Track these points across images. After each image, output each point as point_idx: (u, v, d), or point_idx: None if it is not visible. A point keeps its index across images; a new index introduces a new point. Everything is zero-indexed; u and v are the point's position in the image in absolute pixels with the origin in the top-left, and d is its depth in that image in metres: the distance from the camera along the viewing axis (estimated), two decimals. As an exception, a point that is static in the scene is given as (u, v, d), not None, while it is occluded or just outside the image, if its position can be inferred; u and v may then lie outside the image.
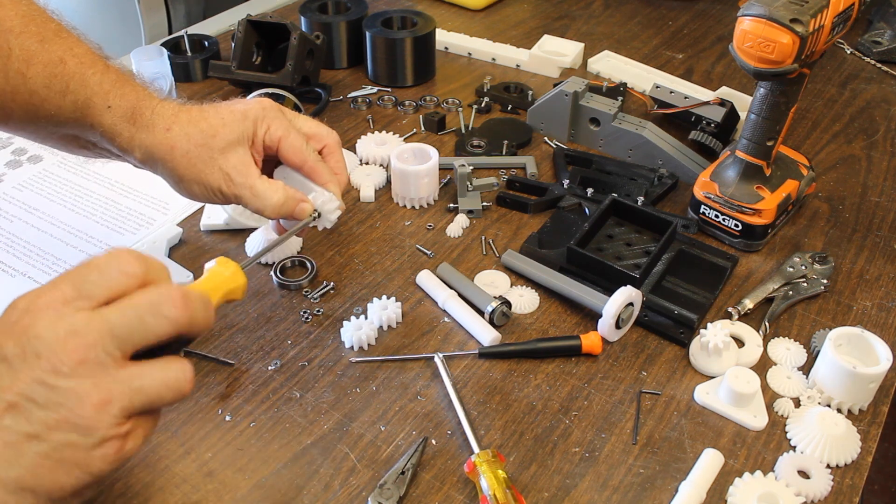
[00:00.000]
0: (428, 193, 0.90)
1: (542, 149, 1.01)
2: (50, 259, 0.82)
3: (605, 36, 1.27)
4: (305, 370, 0.71)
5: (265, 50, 1.07)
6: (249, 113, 0.69)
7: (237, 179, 0.67)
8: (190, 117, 0.67)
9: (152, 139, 0.66)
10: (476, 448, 0.62)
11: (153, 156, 0.67)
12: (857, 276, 0.82)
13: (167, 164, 0.67)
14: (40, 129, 0.69)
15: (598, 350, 0.72)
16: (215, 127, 0.67)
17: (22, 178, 0.93)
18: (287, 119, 0.71)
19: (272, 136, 0.69)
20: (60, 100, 0.65)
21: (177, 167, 0.67)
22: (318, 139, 0.74)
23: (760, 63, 0.73)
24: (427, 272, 0.80)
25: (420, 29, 1.11)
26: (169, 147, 0.66)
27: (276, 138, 0.69)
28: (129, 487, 0.61)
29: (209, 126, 0.67)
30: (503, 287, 0.80)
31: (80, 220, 0.87)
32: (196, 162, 0.67)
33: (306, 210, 0.70)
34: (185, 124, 0.67)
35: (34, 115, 0.66)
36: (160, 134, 0.66)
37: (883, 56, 1.22)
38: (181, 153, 0.66)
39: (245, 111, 0.69)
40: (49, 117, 0.66)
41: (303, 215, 0.70)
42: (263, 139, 0.69)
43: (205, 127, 0.67)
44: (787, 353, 0.74)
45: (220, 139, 0.67)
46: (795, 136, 1.04)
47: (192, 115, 0.68)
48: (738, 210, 0.82)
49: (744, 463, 0.65)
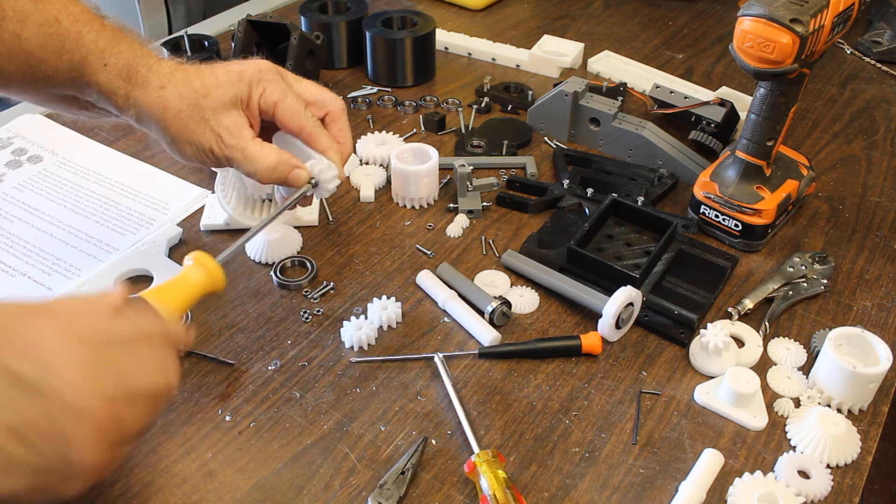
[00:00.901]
0: (428, 193, 0.90)
1: (542, 149, 1.01)
2: (50, 259, 0.82)
3: (605, 36, 1.27)
4: (305, 370, 0.71)
5: (265, 50, 1.07)
6: (245, 74, 0.67)
7: (228, 141, 0.66)
8: (185, 76, 0.66)
9: (146, 98, 0.65)
10: (476, 448, 0.62)
11: (146, 115, 0.66)
12: (857, 276, 0.82)
13: (160, 123, 0.66)
14: (39, 92, 0.68)
15: (599, 350, 0.72)
16: (208, 87, 0.65)
17: (22, 178, 0.93)
18: (286, 83, 0.69)
19: (267, 100, 0.67)
20: (56, 60, 0.64)
21: (169, 127, 0.65)
22: (320, 105, 0.71)
23: (760, 63, 0.73)
24: (427, 272, 0.80)
25: (420, 29, 1.11)
26: (162, 106, 0.65)
27: (271, 102, 0.67)
28: (129, 488, 0.61)
29: (202, 86, 0.65)
30: (503, 287, 0.80)
31: (80, 220, 0.87)
32: (188, 122, 0.65)
33: (301, 177, 0.67)
34: (180, 83, 0.65)
35: (32, 77, 0.65)
36: (154, 92, 0.65)
37: (883, 56, 1.22)
38: (173, 113, 0.65)
39: (241, 72, 0.67)
40: (47, 78, 0.65)
41: (298, 182, 0.67)
42: (259, 102, 0.67)
43: (198, 86, 0.65)
44: (787, 353, 0.74)
45: (213, 99, 0.65)
46: (795, 136, 1.04)
47: (188, 75, 0.66)
48: (738, 210, 0.82)
49: (744, 463, 0.64)
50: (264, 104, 0.68)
